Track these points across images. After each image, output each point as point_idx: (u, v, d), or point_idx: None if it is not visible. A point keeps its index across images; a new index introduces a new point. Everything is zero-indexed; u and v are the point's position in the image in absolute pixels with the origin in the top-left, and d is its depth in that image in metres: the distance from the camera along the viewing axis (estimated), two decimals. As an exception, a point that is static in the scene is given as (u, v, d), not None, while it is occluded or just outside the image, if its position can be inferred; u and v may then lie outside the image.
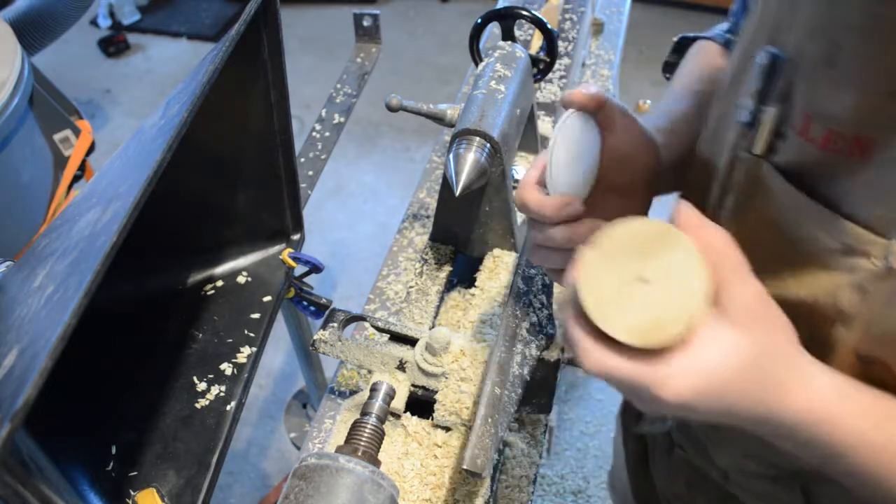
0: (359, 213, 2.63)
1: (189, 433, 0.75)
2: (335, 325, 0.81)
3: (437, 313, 0.91)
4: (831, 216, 0.47)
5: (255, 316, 0.88)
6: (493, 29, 1.34)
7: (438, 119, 0.89)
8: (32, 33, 1.68)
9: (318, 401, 1.50)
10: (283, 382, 2.11)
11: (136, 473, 0.72)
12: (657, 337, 0.41)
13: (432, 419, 0.77)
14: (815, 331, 0.51)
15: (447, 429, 0.77)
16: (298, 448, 1.68)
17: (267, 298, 0.90)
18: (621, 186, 0.60)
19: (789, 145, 0.49)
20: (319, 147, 1.19)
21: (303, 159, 1.17)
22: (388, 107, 0.86)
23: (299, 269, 0.95)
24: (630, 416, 0.92)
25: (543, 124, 1.05)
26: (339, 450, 0.52)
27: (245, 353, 0.83)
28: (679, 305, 0.42)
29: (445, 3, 3.78)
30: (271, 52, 0.74)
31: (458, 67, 3.26)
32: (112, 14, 3.63)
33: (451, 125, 0.91)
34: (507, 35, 0.92)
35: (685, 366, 0.42)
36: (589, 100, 0.55)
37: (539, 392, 0.75)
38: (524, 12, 0.90)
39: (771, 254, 0.51)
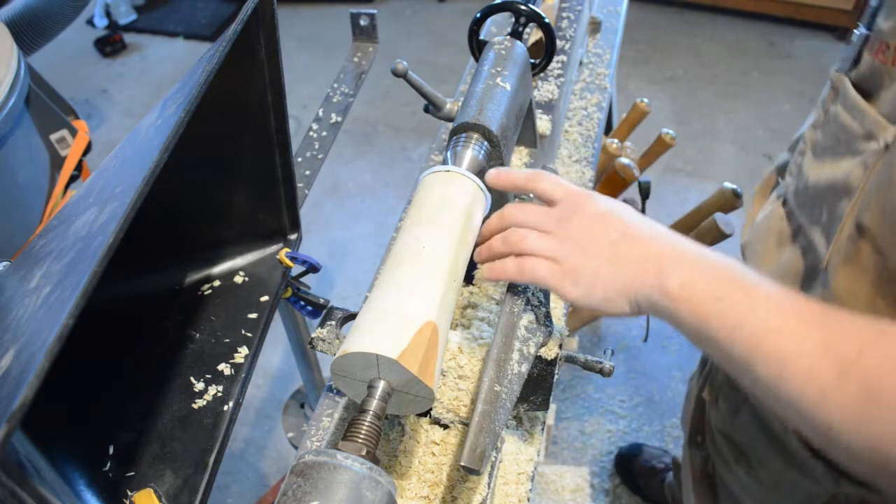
0: (356, 212, 2.63)
1: (186, 433, 0.75)
2: (333, 323, 0.81)
3: (434, 312, 0.91)
4: (868, 108, 0.65)
5: (253, 316, 0.88)
6: (492, 28, 1.34)
7: (435, 105, 0.89)
8: (29, 33, 1.68)
9: (315, 400, 1.50)
10: (280, 382, 2.11)
11: (133, 474, 0.72)
12: None
13: (430, 416, 0.77)
14: (831, 206, 0.67)
15: (445, 426, 0.77)
16: (296, 448, 1.68)
17: (264, 298, 0.90)
18: None
19: (863, 64, 0.70)
20: (316, 146, 1.19)
21: (300, 159, 1.16)
22: (393, 72, 0.85)
23: (296, 269, 0.95)
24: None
25: (542, 122, 1.05)
26: (337, 447, 0.52)
27: (242, 353, 0.83)
28: None
29: (442, 3, 3.78)
30: (268, 51, 0.73)
31: (454, 66, 3.26)
32: (108, 14, 3.63)
33: (450, 119, 0.91)
34: (515, 33, 0.92)
35: None
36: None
37: (537, 389, 0.75)
38: (522, 7, 0.90)
39: (830, 144, 0.71)
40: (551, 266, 0.59)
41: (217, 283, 0.91)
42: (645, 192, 1.49)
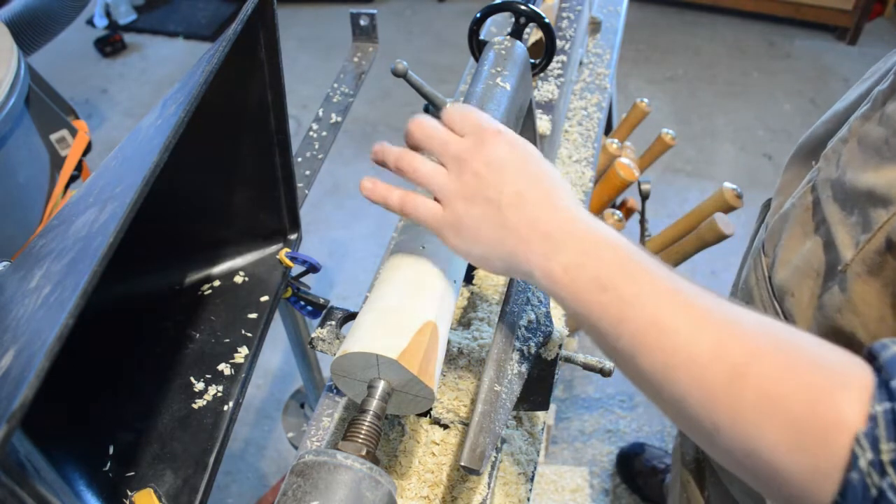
0: (356, 211, 2.63)
1: (186, 433, 0.75)
2: (333, 323, 0.81)
3: (434, 312, 0.91)
4: None
5: (253, 316, 0.88)
6: (492, 28, 1.34)
7: (435, 105, 0.89)
8: (29, 33, 1.68)
9: (315, 400, 1.50)
10: (280, 382, 2.11)
11: (133, 474, 0.72)
12: None
13: (430, 416, 0.77)
14: (865, 210, 0.62)
15: (445, 426, 0.77)
16: (296, 448, 1.68)
17: (264, 298, 0.90)
18: None
19: None
20: (316, 147, 1.19)
21: (300, 159, 1.16)
22: (393, 72, 0.85)
23: (297, 269, 0.95)
24: None
25: (542, 122, 1.05)
26: (337, 447, 0.52)
27: (242, 353, 0.83)
28: None
29: (442, 3, 3.78)
30: (268, 51, 0.73)
31: (454, 66, 3.26)
32: (108, 14, 3.63)
33: (450, 121, 0.91)
34: (515, 33, 0.92)
35: None
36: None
37: (537, 389, 0.75)
38: (522, 7, 0.90)
39: (879, 145, 0.64)
40: (435, 209, 0.55)
41: (217, 283, 0.91)
42: (645, 192, 1.49)
